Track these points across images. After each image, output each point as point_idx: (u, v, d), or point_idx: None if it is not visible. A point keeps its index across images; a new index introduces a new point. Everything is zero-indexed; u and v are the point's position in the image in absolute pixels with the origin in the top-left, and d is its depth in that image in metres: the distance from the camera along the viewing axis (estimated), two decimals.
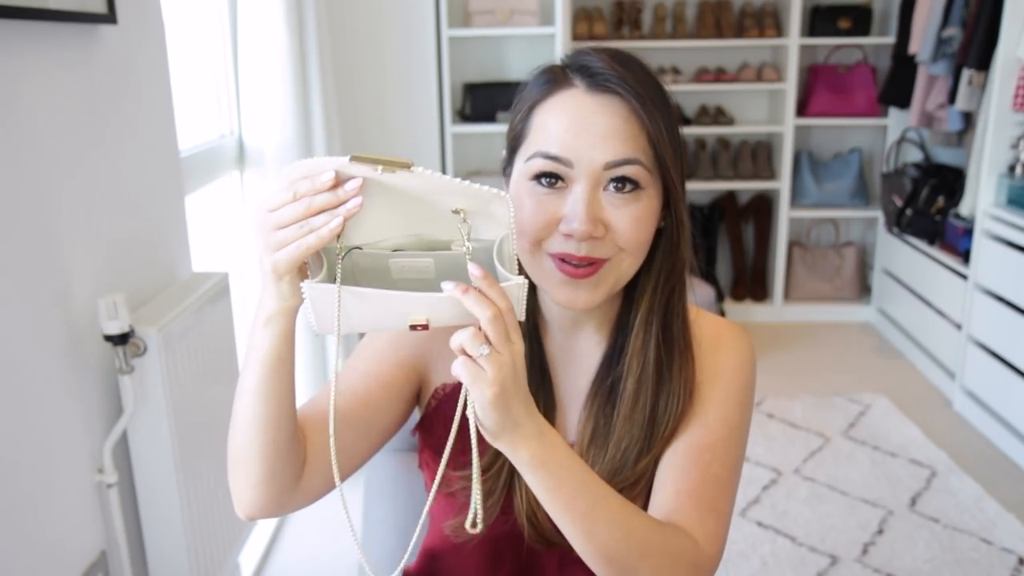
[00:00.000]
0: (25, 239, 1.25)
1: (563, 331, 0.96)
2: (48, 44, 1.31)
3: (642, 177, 0.83)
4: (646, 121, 0.82)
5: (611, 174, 0.83)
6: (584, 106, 0.83)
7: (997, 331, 2.78)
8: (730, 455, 0.91)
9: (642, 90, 0.83)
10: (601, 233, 0.83)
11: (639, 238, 0.85)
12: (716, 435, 0.91)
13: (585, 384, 0.95)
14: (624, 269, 0.87)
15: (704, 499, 0.88)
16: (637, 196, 0.84)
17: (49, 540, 1.30)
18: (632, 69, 0.85)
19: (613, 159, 0.82)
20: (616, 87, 0.83)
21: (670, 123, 0.85)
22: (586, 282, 0.85)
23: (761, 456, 2.69)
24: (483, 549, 0.96)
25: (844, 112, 3.78)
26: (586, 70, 0.85)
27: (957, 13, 3.02)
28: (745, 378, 0.95)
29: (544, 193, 0.84)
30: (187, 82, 2.07)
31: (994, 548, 2.20)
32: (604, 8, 3.86)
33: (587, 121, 0.83)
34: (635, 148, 0.83)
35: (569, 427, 0.95)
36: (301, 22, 2.36)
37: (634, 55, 0.88)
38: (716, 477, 0.89)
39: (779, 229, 3.90)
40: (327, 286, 0.71)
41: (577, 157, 0.82)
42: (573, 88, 0.85)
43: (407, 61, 3.11)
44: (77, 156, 1.39)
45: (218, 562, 1.71)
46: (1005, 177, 2.80)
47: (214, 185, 2.21)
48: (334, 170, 0.68)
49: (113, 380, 1.48)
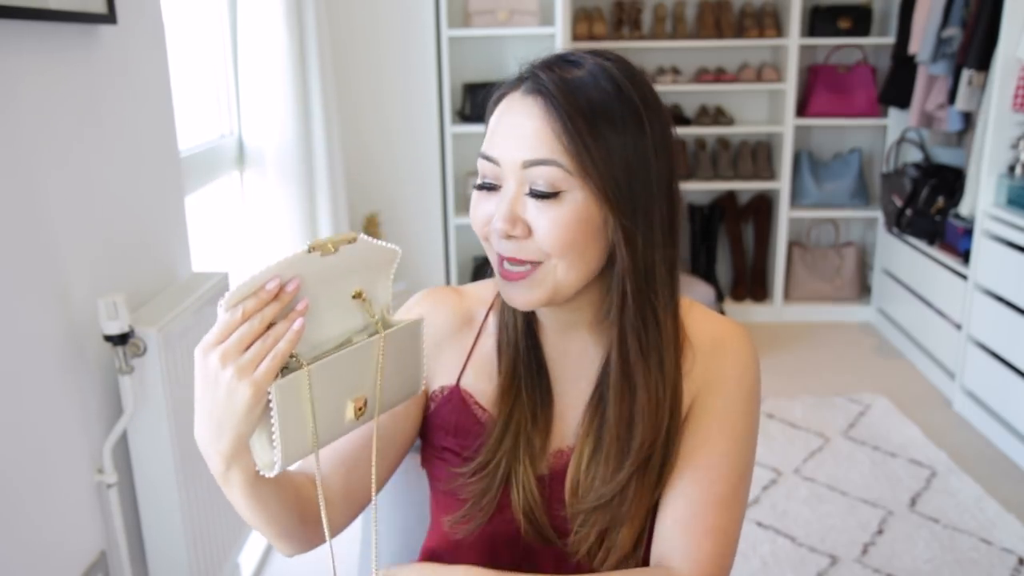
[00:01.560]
0: (25, 239, 1.25)
1: (557, 331, 0.96)
2: (48, 44, 1.31)
3: (561, 181, 0.81)
4: (564, 126, 0.80)
5: (530, 175, 0.82)
6: (516, 109, 0.84)
7: (997, 331, 2.78)
8: (735, 469, 0.90)
9: (572, 94, 0.81)
10: (521, 233, 0.83)
11: (560, 242, 0.82)
12: (718, 450, 0.89)
13: (586, 388, 0.94)
14: (559, 275, 0.84)
15: (700, 523, 0.87)
16: (559, 200, 0.82)
17: (49, 540, 1.30)
18: (580, 72, 0.83)
19: (530, 158, 0.82)
20: (543, 89, 0.82)
21: (620, 133, 0.82)
22: (521, 283, 0.85)
23: (761, 456, 2.68)
24: (480, 546, 0.96)
25: (844, 112, 3.78)
26: (528, 74, 0.85)
27: (957, 13, 3.02)
28: (749, 385, 0.93)
29: (484, 196, 0.86)
30: (187, 82, 2.07)
31: (994, 548, 2.20)
32: (604, 8, 3.86)
33: (514, 123, 0.83)
34: (555, 150, 0.81)
35: (567, 431, 0.95)
36: (301, 22, 2.36)
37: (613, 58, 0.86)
38: (718, 496, 0.88)
39: (779, 229, 3.90)
40: (296, 375, 0.72)
41: (502, 156, 0.83)
42: (515, 92, 0.85)
43: (407, 61, 3.11)
44: (77, 156, 1.39)
45: (218, 562, 1.71)
46: (1005, 177, 2.80)
47: (214, 185, 2.21)
48: (275, 279, 0.71)
49: (113, 380, 1.48)
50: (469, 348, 0.99)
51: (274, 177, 2.35)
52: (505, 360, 0.95)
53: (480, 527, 0.93)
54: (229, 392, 0.71)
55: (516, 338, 0.95)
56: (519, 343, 0.95)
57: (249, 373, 0.70)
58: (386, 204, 3.21)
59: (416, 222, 3.27)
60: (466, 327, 1.00)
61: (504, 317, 0.96)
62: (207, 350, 0.71)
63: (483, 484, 0.92)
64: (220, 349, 0.70)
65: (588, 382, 0.94)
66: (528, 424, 0.92)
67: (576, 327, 0.94)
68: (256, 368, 0.70)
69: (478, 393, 0.97)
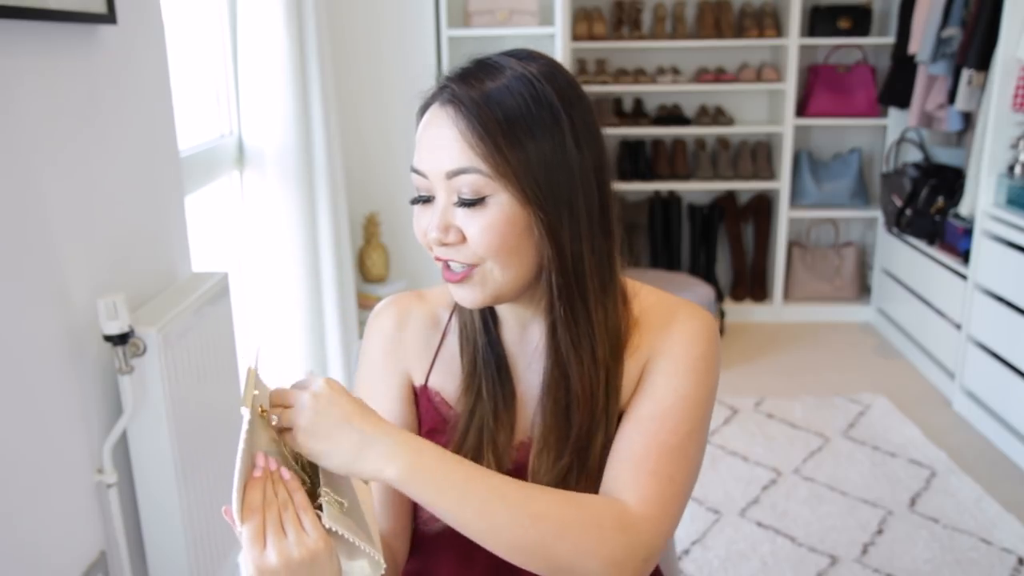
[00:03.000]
0: (25, 239, 1.25)
1: (513, 328, 0.98)
2: (48, 44, 1.31)
3: (484, 186, 0.83)
4: (478, 135, 0.82)
5: (455, 183, 0.84)
6: (435, 120, 0.86)
7: (997, 331, 2.78)
8: (682, 424, 0.89)
9: (483, 104, 0.83)
10: (454, 239, 0.86)
11: (491, 245, 0.85)
12: (663, 404, 0.90)
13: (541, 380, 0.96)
14: (497, 276, 0.87)
15: (645, 464, 0.87)
16: (484, 205, 0.84)
17: (49, 540, 1.30)
18: (493, 82, 0.85)
19: (451, 168, 0.84)
20: (456, 99, 0.84)
21: (535, 136, 0.83)
22: (463, 285, 0.88)
23: (761, 456, 2.69)
24: (455, 541, 0.96)
25: (844, 112, 3.78)
26: (445, 83, 0.87)
27: (957, 13, 3.02)
28: (699, 351, 0.92)
29: (420, 208, 0.89)
30: (187, 82, 2.07)
31: (994, 548, 2.20)
32: (604, 8, 3.86)
33: (432, 134, 0.86)
34: (472, 157, 0.83)
35: (528, 422, 0.97)
36: (301, 22, 2.36)
37: (532, 57, 0.88)
38: (662, 443, 0.88)
39: (779, 229, 3.90)
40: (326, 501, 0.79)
41: (428, 169, 0.86)
42: (435, 103, 0.87)
43: (407, 61, 3.11)
44: (77, 156, 1.39)
45: (218, 562, 1.71)
46: (1005, 177, 2.80)
47: (214, 185, 2.21)
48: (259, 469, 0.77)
49: (113, 380, 1.48)
50: (435, 348, 1.02)
51: (274, 177, 2.35)
52: (466, 358, 0.98)
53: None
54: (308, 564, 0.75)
55: (475, 335, 0.97)
56: (477, 340, 0.97)
57: (305, 536, 0.75)
58: (386, 204, 3.20)
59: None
60: (432, 329, 1.03)
61: (463, 315, 0.99)
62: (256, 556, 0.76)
63: None
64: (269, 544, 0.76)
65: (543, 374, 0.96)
66: (490, 419, 0.94)
67: (530, 320, 0.96)
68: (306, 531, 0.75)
69: (445, 392, 1.00)
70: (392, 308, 1.04)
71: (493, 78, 0.85)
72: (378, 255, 3.13)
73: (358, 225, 3.15)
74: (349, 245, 2.78)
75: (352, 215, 3.06)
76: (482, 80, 0.85)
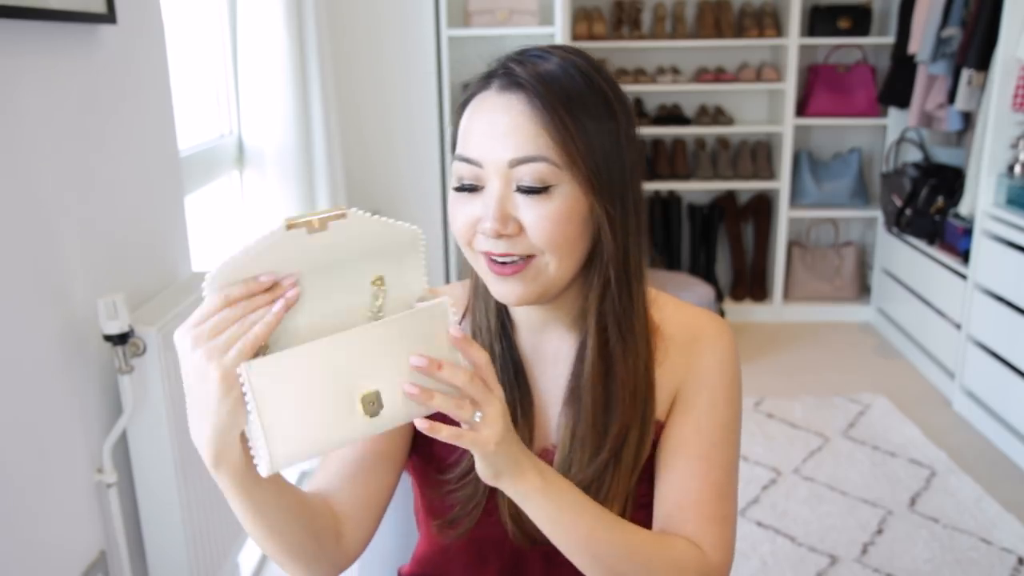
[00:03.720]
0: (25, 239, 1.25)
1: (532, 331, 0.95)
2: (48, 44, 1.31)
3: (550, 176, 0.81)
4: (550, 118, 0.80)
5: (518, 173, 0.81)
6: (493, 106, 0.83)
7: (997, 331, 2.78)
8: (726, 457, 0.91)
9: (553, 86, 0.81)
10: (513, 231, 0.82)
11: (553, 238, 0.82)
12: (710, 441, 0.90)
13: (563, 384, 0.94)
14: (552, 270, 0.84)
15: (705, 509, 0.88)
16: (548, 195, 0.82)
17: (48, 540, 1.30)
18: (549, 65, 0.83)
19: (516, 156, 0.81)
20: (522, 84, 0.82)
21: (597, 121, 0.82)
22: (514, 278, 0.84)
23: (761, 456, 2.69)
24: (469, 549, 0.96)
25: (843, 112, 3.78)
26: (500, 71, 0.84)
27: (957, 13, 3.02)
28: (731, 376, 0.93)
29: (465, 197, 0.85)
30: (187, 82, 2.07)
31: (994, 548, 2.20)
32: (604, 8, 3.86)
33: (493, 121, 0.82)
34: (541, 145, 0.81)
35: (549, 429, 0.95)
36: (301, 22, 2.36)
37: (574, 52, 0.86)
38: (716, 484, 0.89)
39: (779, 229, 3.90)
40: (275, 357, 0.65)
41: (484, 157, 0.82)
42: (487, 90, 0.84)
43: (407, 61, 3.11)
44: (77, 156, 1.39)
45: (217, 562, 1.71)
46: (1004, 177, 2.80)
47: (214, 185, 2.21)
48: (270, 274, 0.66)
49: (113, 380, 1.48)
50: None
51: (274, 177, 2.35)
52: None
53: (468, 531, 0.93)
54: (200, 377, 0.66)
55: (491, 341, 0.94)
56: (494, 346, 0.94)
57: (219, 356, 0.65)
58: (386, 204, 3.21)
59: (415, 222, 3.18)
60: None
61: (477, 320, 0.96)
62: (184, 332, 0.67)
63: (468, 491, 0.92)
64: (194, 331, 0.66)
65: (565, 378, 0.94)
66: None
67: (551, 324, 0.94)
68: (226, 352, 0.65)
69: None
70: None
71: (550, 66, 0.83)
72: None
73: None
74: None
75: None
76: (540, 66, 0.83)
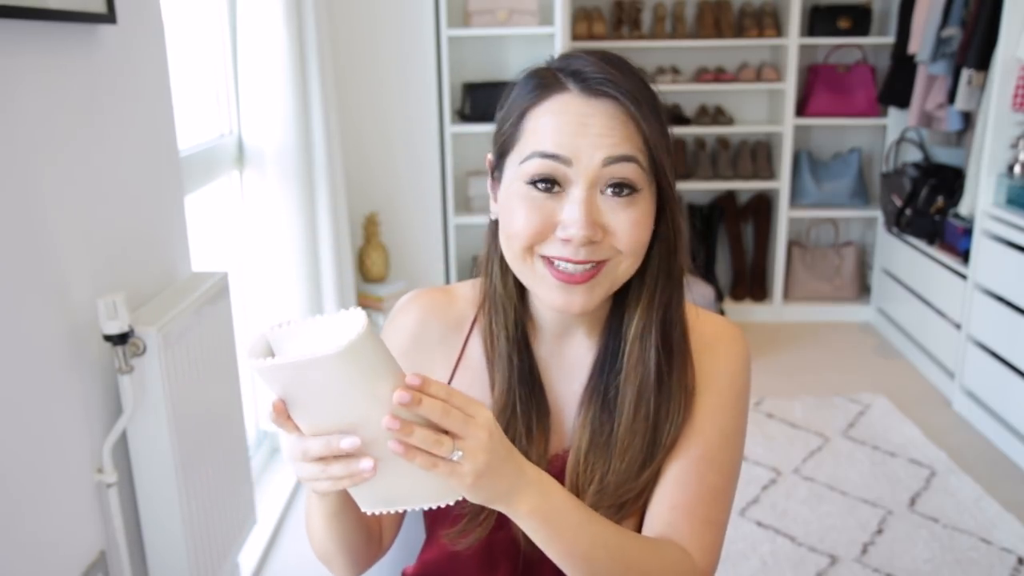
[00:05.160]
0: (25, 239, 1.25)
1: (554, 336, 0.94)
2: (48, 44, 1.31)
3: (638, 178, 0.82)
4: (641, 123, 0.81)
5: (609, 172, 0.81)
6: (579, 109, 0.82)
7: (997, 331, 2.78)
8: (726, 463, 0.91)
9: (636, 93, 0.82)
10: (600, 237, 0.82)
11: (639, 241, 0.83)
12: (711, 444, 0.90)
13: (578, 389, 0.94)
14: (621, 271, 0.85)
15: (699, 512, 0.88)
16: (634, 199, 0.82)
17: (48, 540, 1.30)
18: (625, 72, 0.84)
19: (611, 155, 0.80)
20: (610, 90, 0.82)
21: (663, 126, 0.85)
22: (582, 287, 0.83)
23: (761, 456, 2.69)
24: (479, 556, 0.96)
25: (843, 112, 3.78)
26: (578, 75, 0.83)
27: (957, 13, 3.02)
28: (741, 384, 0.93)
29: (541, 197, 0.82)
30: (187, 82, 2.07)
31: (994, 548, 2.21)
32: (604, 8, 3.86)
33: (583, 122, 0.81)
34: (632, 148, 0.82)
35: (564, 433, 0.94)
36: (301, 22, 2.36)
37: (624, 58, 0.87)
38: (712, 487, 0.89)
39: (778, 229, 3.90)
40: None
41: (575, 155, 0.81)
42: (567, 92, 0.83)
43: (407, 61, 3.11)
44: (77, 156, 1.39)
45: (218, 562, 1.71)
46: (1004, 177, 2.80)
47: (214, 185, 2.21)
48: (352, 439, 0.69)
49: (113, 380, 1.48)
50: (458, 352, 0.97)
51: (274, 177, 2.35)
52: (500, 376, 0.93)
53: (479, 540, 0.93)
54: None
55: (509, 351, 0.92)
56: (512, 356, 0.92)
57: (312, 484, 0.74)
58: (385, 204, 3.21)
59: (416, 222, 3.27)
60: (456, 330, 0.98)
61: (492, 326, 0.94)
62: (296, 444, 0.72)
63: (476, 505, 0.90)
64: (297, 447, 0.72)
65: (580, 383, 0.94)
66: (523, 438, 0.91)
67: (574, 330, 0.94)
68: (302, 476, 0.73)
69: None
70: (416, 305, 0.99)
71: (624, 72, 0.84)
72: (378, 255, 3.13)
73: (358, 225, 3.15)
74: (349, 245, 2.79)
75: (352, 215, 3.06)
76: (614, 72, 0.83)
